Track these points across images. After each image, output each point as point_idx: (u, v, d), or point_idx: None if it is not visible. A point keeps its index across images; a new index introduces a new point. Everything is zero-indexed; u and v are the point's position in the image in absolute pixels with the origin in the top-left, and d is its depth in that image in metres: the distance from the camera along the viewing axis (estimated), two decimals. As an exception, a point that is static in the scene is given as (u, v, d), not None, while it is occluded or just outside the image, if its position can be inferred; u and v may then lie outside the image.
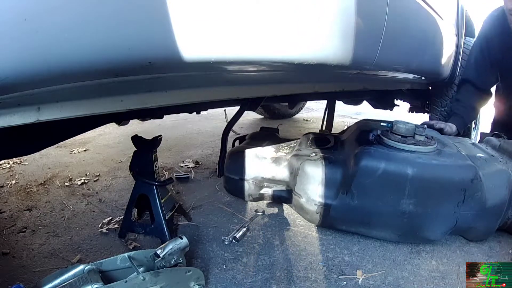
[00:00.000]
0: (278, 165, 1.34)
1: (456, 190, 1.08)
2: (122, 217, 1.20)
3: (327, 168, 1.18)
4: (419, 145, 1.14)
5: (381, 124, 1.30)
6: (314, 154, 1.27)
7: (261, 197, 1.42)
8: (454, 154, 1.16)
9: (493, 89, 1.80)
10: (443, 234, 1.14)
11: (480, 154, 1.21)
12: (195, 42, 0.52)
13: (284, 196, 1.35)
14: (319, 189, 1.18)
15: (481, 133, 1.70)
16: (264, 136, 1.62)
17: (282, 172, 1.33)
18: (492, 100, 1.88)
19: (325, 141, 1.42)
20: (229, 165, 1.42)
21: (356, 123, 1.48)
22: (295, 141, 1.53)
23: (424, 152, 1.13)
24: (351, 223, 1.19)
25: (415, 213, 1.09)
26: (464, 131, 1.77)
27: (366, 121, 1.47)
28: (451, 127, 1.59)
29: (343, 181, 1.15)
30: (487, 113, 2.33)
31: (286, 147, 1.46)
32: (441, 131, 1.53)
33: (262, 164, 1.36)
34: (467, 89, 1.69)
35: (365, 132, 1.29)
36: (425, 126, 1.24)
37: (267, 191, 1.39)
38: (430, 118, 2.14)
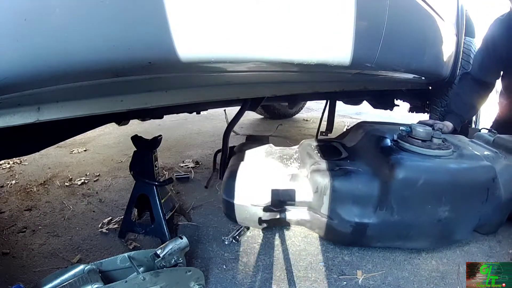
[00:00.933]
0: (296, 183, 1.13)
1: (482, 190, 1.10)
2: (122, 217, 1.20)
3: (360, 183, 1.06)
4: (442, 149, 1.12)
5: (401, 128, 1.22)
6: (337, 168, 1.10)
7: (276, 223, 1.20)
8: (473, 155, 1.16)
9: (494, 90, 1.81)
10: (469, 233, 1.17)
11: (486, 152, 1.22)
12: (195, 42, 0.52)
13: (306, 219, 1.15)
14: (355, 209, 1.06)
15: (469, 129, 1.70)
16: (254, 147, 1.41)
17: (303, 192, 1.12)
18: (495, 100, 1.89)
19: (332, 150, 1.30)
20: (232, 187, 1.14)
21: (357, 126, 1.42)
22: (292, 149, 1.39)
23: (447, 156, 1.11)
24: (388, 239, 1.11)
25: (450, 218, 1.08)
26: (462, 129, 1.77)
27: (370, 125, 1.40)
28: (448, 126, 1.59)
29: (380, 196, 1.05)
30: (488, 112, 2.33)
31: (289, 159, 1.29)
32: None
33: (278, 185, 1.13)
34: (467, 82, 1.71)
35: (378, 138, 1.22)
36: (448, 128, 1.23)
37: (284, 215, 1.16)
38: (430, 118, 2.14)
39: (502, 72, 1.71)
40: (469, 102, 1.68)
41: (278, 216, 1.16)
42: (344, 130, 3.03)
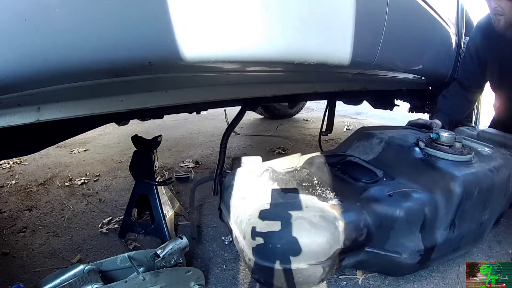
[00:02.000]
0: (352, 222, 0.88)
1: (503, 187, 1.13)
2: (122, 217, 1.20)
3: (424, 206, 0.94)
4: (470, 153, 1.10)
5: (431, 135, 1.15)
6: (392, 193, 0.94)
7: (330, 274, 0.94)
8: (490, 155, 1.17)
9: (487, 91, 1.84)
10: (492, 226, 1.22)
11: (487, 149, 1.24)
12: (196, 42, 0.52)
13: (366, 260, 0.93)
14: (422, 235, 0.95)
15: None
16: (253, 175, 1.08)
17: (363, 230, 0.89)
18: (492, 101, 1.90)
19: (358, 167, 1.11)
20: (271, 247, 0.82)
21: (364, 135, 1.26)
22: (301, 170, 1.15)
23: (475, 160, 1.10)
24: (446, 255, 1.05)
25: (487, 219, 1.10)
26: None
27: (380, 132, 1.26)
28: (437, 124, 1.59)
29: (445, 215, 0.96)
30: (487, 112, 2.33)
31: (311, 186, 1.03)
32: (429, 128, 1.52)
33: (334, 229, 0.84)
34: (453, 86, 1.75)
35: (405, 148, 1.13)
36: (438, 126, 1.24)
37: (343, 262, 0.91)
38: (430, 118, 2.14)
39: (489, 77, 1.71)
40: (455, 104, 1.70)
41: (336, 267, 0.89)
42: (344, 130, 3.04)
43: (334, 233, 0.83)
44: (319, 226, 0.82)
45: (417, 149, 1.11)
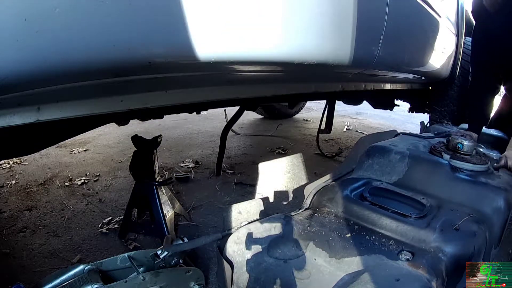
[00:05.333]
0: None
1: None
2: (122, 217, 1.20)
3: (486, 233, 0.85)
4: (488, 161, 1.06)
5: (457, 145, 1.05)
6: (457, 226, 0.82)
7: None
8: (498, 159, 1.18)
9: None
10: None
11: (493, 152, 1.25)
12: (206, 44, 0.52)
13: None
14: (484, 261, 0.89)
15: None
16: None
17: (445, 280, 0.76)
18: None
19: (389, 195, 0.93)
20: None
21: (376, 150, 1.07)
22: (318, 211, 0.89)
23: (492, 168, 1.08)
24: None
25: None
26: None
27: (395, 146, 1.10)
28: (473, 137, 1.37)
29: (496, 233, 0.90)
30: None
31: (355, 236, 0.79)
32: None
33: None
34: (480, 76, 1.53)
35: (431, 163, 1.00)
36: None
37: None
38: (430, 118, 2.14)
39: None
40: (484, 101, 1.50)
41: None
42: (344, 130, 3.04)
43: None
44: None
45: (446, 163, 0.99)
